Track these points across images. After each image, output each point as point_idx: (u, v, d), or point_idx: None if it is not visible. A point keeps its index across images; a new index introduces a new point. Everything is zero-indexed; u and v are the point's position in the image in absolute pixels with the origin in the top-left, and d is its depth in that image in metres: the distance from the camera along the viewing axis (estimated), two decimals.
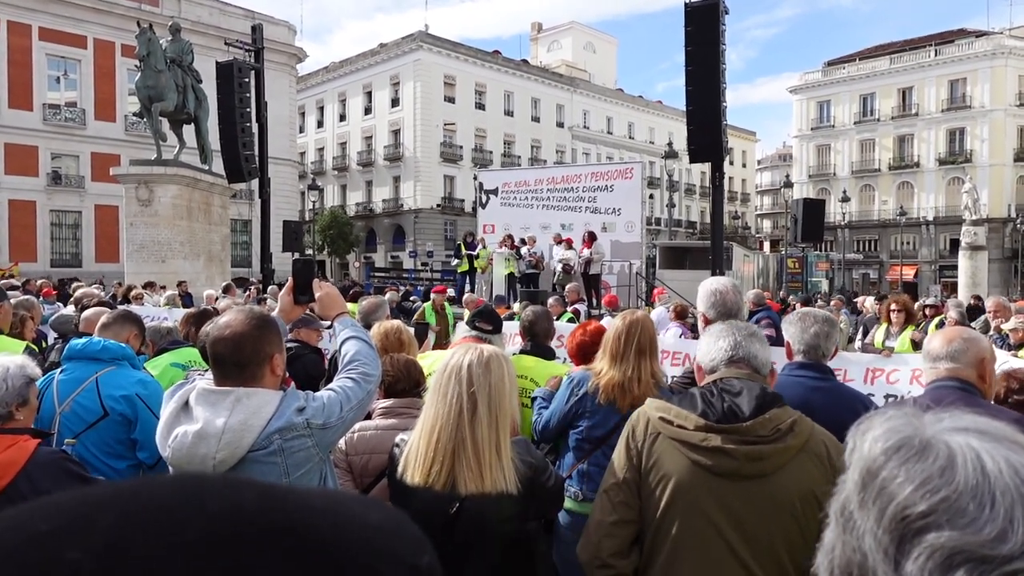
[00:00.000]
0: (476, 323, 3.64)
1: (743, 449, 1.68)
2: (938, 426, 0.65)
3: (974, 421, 0.65)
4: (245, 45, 16.40)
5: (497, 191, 19.24)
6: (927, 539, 0.56)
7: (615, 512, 1.79)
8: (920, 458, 0.61)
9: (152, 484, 0.41)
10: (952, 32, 49.67)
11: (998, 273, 40.19)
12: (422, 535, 0.48)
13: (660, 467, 1.76)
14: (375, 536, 0.43)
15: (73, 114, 32.21)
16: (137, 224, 16.58)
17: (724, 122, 10.75)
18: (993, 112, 44.52)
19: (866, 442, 0.67)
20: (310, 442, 1.92)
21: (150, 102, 16.25)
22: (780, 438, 1.69)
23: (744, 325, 2.00)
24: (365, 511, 0.45)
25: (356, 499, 0.48)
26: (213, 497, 0.40)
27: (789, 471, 1.68)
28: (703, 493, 1.70)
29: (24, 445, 2.18)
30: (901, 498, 0.59)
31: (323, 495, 0.46)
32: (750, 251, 29.43)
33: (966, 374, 2.18)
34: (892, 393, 4.90)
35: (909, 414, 0.68)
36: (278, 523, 0.40)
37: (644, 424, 1.84)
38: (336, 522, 0.42)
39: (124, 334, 3.54)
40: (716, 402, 1.76)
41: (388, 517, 0.46)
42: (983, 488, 0.57)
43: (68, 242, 32.50)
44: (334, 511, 0.43)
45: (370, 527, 0.44)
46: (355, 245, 45.78)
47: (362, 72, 48.92)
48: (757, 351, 1.91)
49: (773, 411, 1.73)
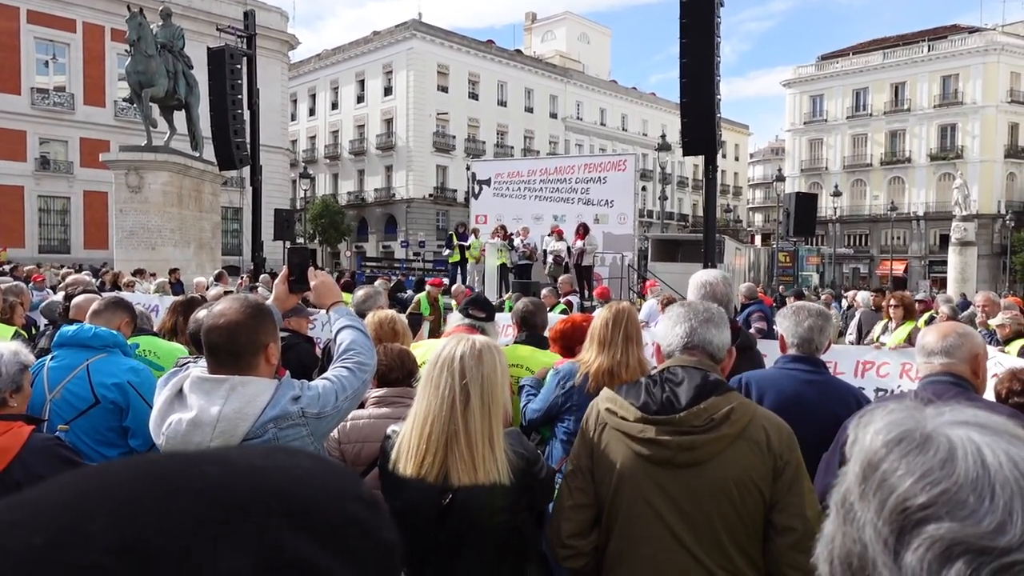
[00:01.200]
0: (469, 311, 3.64)
1: (676, 440, 1.76)
2: (939, 420, 0.65)
3: (975, 415, 0.65)
4: (237, 31, 16.26)
5: (490, 181, 19.18)
6: (927, 530, 0.57)
7: (572, 497, 1.90)
8: (921, 451, 0.62)
9: (118, 474, 0.41)
10: (945, 28, 49.79)
11: (987, 269, 40.52)
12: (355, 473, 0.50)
13: (607, 455, 1.86)
14: (325, 480, 0.45)
15: (62, 99, 31.86)
16: (127, 210, 16.45)
17: (718, 115, 10.75)
18: (985, 108, 44.74)
19: (868, 435, 0.67)
20: (305, 431, 1.92)
21: (140, 87, 16.09)
22: (714, 428, 1.75)
23: (703, 308, 1.99)
24: (300, 462, 0.46)
25: (287, 451, 0.49)
26: (188, 476, 0.41)
27: (725, 458, 1.75)
28: (644, 480, 1.80)
29: (18, 432, 2.18)
30: (901, 490, 0.60)
31: (264, 455, 0.47)
32: (742, 244, 29.53)
33: (960, 369, 2.20)
34: (882, 387, 4.94)
35: (911, 407, 0.69)
36: (258, 487, 0.41)
37: (595, 414, 1.94)
38: (294, 475, 0.44)
39: (116, 321, 3.51)
40: (657, 392, 1.83)
41: (324, 464, 0.48)
42: (983, 481, 0.58)
43: (56, 228, 32.23)
44: (284, 465, 0.44)
45: (317, 474, 0.45)
46: (347, 234, 45.61)
47: (355, 60, 48.60)
48: (712, 336, 1.94)
49: (711, 400, 1.78)
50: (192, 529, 0.36)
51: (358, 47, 48.54)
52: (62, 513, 0.36)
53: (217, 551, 0.36)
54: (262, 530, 0.38)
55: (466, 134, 47.76)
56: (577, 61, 57.98)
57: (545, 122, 52.00)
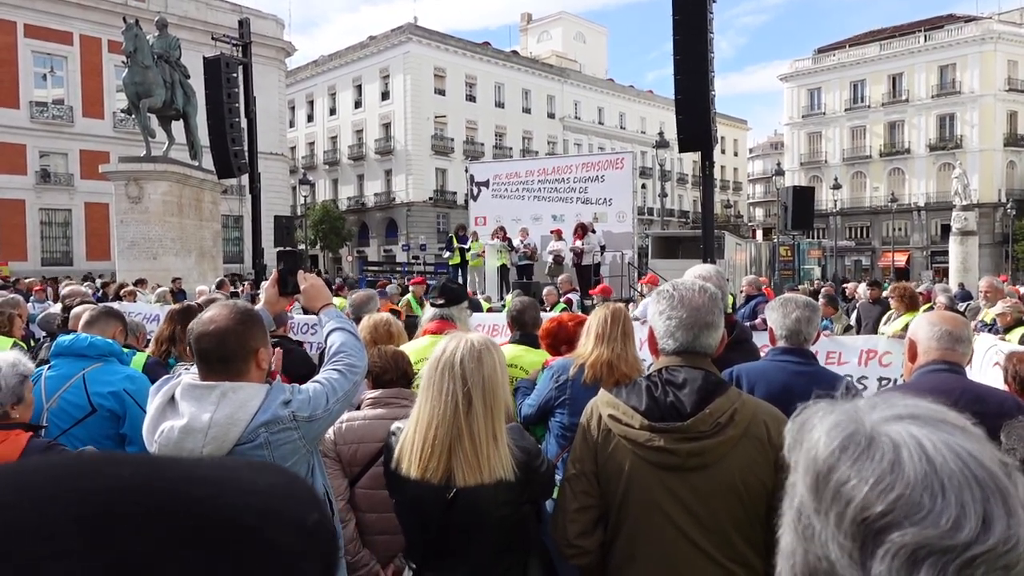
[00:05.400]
0: (432, 300, 3.70)
1: (685, 447, 1.78)
2: (875, 416, 0.65)
3: (907, 406, 0.65)
4: (233, 40, 16.32)
5: (488, 183, 19.19)
6: (890, 539, 0.57)
7: (577, 500, 1.92)
8: (867, 455, 0.62)
9: (29, 467, 0.42)
10: (941, 17, 49.71)
11: (989, 258, 40.40)
12: (314, 494, 0.49)
13: (613, 461, 1.88)
14: (261, 499, 0.44)
15: (61, 111, 31.96)
16: (127, 221, 16.49)
17: (713, 111, 10.76)
18: (983, 97, 44.65)
19: (811, 440, 0.67)
20: (296, 435, 1.93)
21: (138, 98, 16.12)
22: (720, 431, 1.77)
23: (701, 304, 1.90)
24: (254, 476, 0.46)
25: (248, 464, 0.49)
26: (88, 476, 0.41)
27: (731, 458, 1.78)
28: (653, 484, 1.82)
29: (16, 439, 2.22)
30: (858, 501, 0.60)
31: (213, 464, 0.47)
32: (742, 239, 29.49)
33: (955, 357, 2.22)
34: (886, 376, 4.97)
35: (845, 406, 0.68)
36: (157, 495, 0.41)
37: (596, 419, 1.95)
38: (218, 489, 0.43)
39: (110, 330, 3.54)
40: (660, 396, 1.84)
41: (278, 481, 0.48)
42: (931, 479, 0.58)
43: (58, 240, 32.32)
44: (218, 478, 0.44)
45: (257, 491, 0.45)
46: (348, 239, 45.68)
47: (351, 65, 48.69)
48: (711, 338, 1.91)
49: (715, 403, 1.79)
50: (49, 526, 0.37)
51: (355, 52, 48.63)
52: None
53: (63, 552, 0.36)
54: (130, 539, 0.38)
55: (464, 136, 47.80)
56: (573, 61, 57.99)
57: (543, 122, 52.02)
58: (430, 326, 3.49)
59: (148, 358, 3.91)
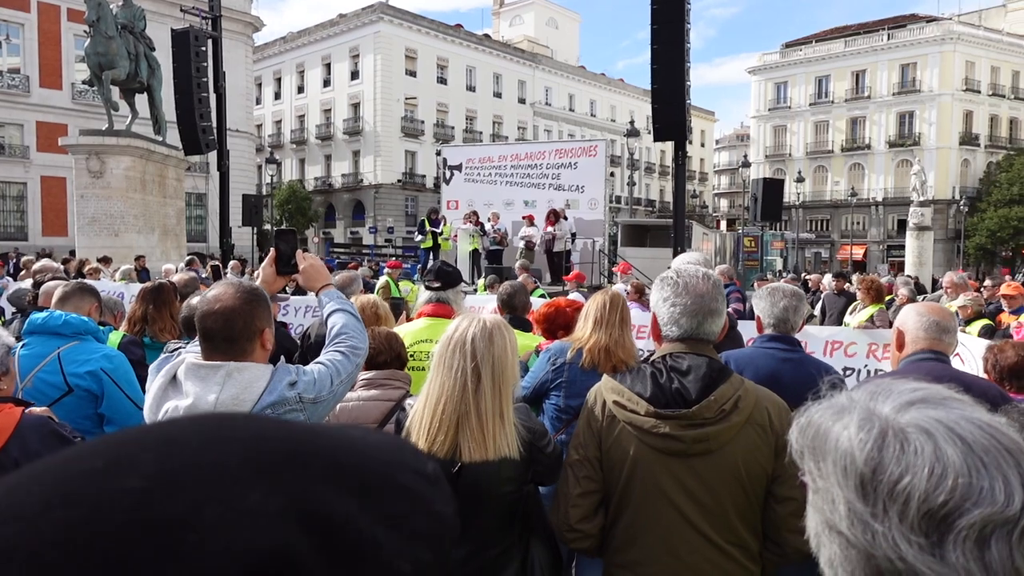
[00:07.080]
0: (425, 282, 3.71)
1: (690, 433, 1.81)
2: (886, 408, 0.67)
3: (905, 391, 0.68)
4: (201, 12, 15.86)
5: (461, 167, 19.09)
6: (958, 524, 0.59)
7: (579, 485, 1.93)
8: (907, 449, 0.63)
9: (175, 423, 0.45)
10: (904, 16, 50.73)
11: (942, 253, 41.67)
12: (420, 450, 0.54)
13: (618, 447, 1.90)
14: (382, 451, 0.48)
15: (16, 81, 30.70)
16: (88, 196, 16.00)
17: (688, 101, 10.87)
18: (941, 96, 45.80)
19: (838, 446, 0.67)
20: (302, 416, 1.92)
21: (100, 70, 15.60)
22: (725, 417, 1.81)
23: (705, 291, 1.92)
24: (361, 434, 0.49)
25: (345, 426, 0.53)
26: (239, 427, 0.45)
27: (735, 444, 1.82)
28: (657, 469, 1.85)
29: (11, 412, 2.16)
30: (919, 494, 0.61)
31: (325, 426, 0.51)
32: (709, 230, 29.89)
33: (942, 347, 2.32)
34: (850, 366, 5.12)
35: (849, 404, 0.70)
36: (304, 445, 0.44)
37: (600, 404, 1.97)
38: (348, 442, 0.47)
39: (85, 307, 3.43)
40: (665, 383, 1.86)
41: (385, 438, 0.52)
42: (971, 457, 0.61)
43: (12, 214, 31.18)
44: (341, 434, 0.48)
45: (375, 445, 0.49)
46: (314, 220, 45.01)
47: (321, 43, 47.73)
48: (715, 325, 1.95)
49: (720, 389, 1.83)
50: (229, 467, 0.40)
51: (324, 30, 47.65)
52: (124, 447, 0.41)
53: (248, 488, 0.39)
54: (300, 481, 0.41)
55: (435, 119, 47.33)
56: (545, 46, 57.77)
57: (514, 107, 51.79)
58: (426, 308, 3.49)
59: (124, 336, 3.79)
